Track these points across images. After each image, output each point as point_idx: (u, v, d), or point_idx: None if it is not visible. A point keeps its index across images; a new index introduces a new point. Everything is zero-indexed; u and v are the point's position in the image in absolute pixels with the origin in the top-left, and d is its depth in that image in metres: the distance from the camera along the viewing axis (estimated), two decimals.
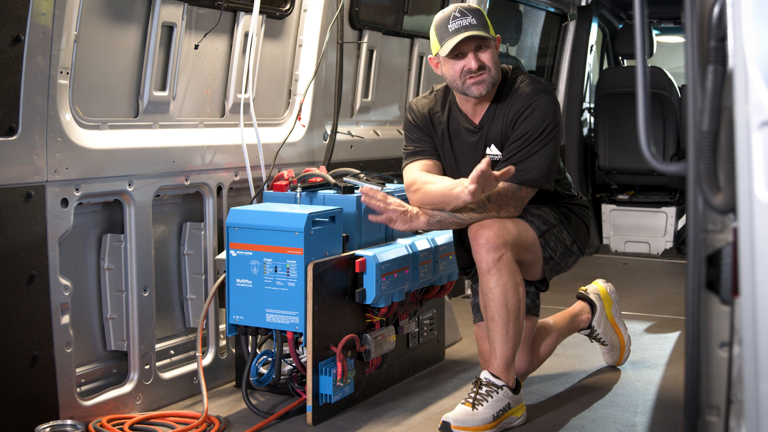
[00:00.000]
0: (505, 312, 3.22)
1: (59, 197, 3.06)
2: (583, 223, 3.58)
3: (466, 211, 3.24)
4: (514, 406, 3.30)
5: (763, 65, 1.56)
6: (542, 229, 3.39)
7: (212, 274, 3.73)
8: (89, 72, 3.29)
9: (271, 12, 4.07)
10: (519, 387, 3.35)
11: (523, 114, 3.32)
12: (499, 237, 3.21)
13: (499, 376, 3.26)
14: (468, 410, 3.22)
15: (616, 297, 4.00)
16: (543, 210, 3.45)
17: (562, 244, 3.45)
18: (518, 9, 6.67)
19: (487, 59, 3.29)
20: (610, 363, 4.01)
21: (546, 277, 3.48)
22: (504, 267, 3.20)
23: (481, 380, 3.27)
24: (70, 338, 3.11)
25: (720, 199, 1.65)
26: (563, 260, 3.48)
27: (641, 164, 6.70)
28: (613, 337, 3.95)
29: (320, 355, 3.29)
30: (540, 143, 3.29)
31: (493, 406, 3.22)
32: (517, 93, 3.37)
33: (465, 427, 3.20)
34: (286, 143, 4.10)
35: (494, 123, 3.39)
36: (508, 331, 3.24)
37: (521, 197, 3.31)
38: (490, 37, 3.30)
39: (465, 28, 3.26)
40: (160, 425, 3.29)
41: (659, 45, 8.22)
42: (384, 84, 5.08)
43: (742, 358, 1.63)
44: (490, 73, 3.30)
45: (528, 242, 3.34)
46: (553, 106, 3.34)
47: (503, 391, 3.25)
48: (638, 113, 1.85)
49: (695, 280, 1.73)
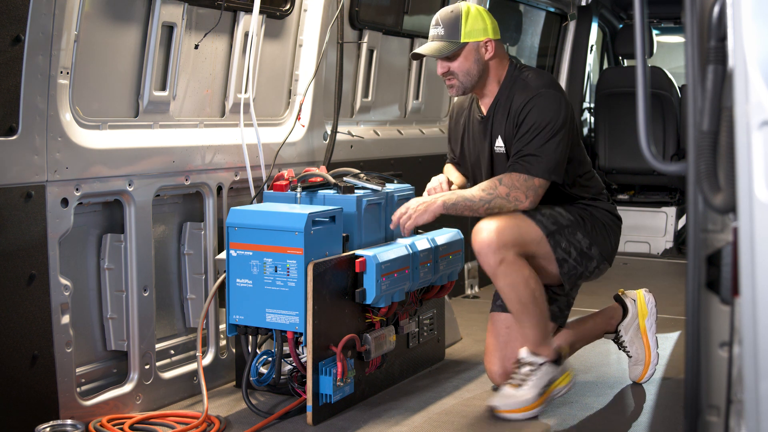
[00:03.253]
0: (521, 305, 3.35)
1: (59, 197, 3.06)
2: (604, 227, 3.55)
3: (477, 194, 3.39)
4: (558, 377, 3.43)
5: (763, 65, 1.56)
6: (551, 228, 3.41)
7: (212, 274, 3.73)
8: (89, 72, 3.29)
9: (271, 12, 4.07)
10: (561, 357, 3.46)
11: (525, 107, 3.39)
12: (498, 240, 3.28)
13: (537, 352, 3.39)
14: (512, 392, 3.36)
15: (653, 310, 3.85)
16: (556, 210, 3.47)
17: (577, 247, 3.46)
18: (518, 9, 6.67)
19: (454, 67, 3.49)
20: (632, 378, 3.81)
21: (564, 282, 3.49)
22: (507, 267, 3.30)
23: (521, 360, 3.40)
24: (70, 338, 3.12)
25: (720, 199, 1.65)
26: (581, 264, 3.48)
27: (641, 164, 6.70)
28: (640, 350, 3.79)
29: (320, 355, 3.29)
30: (546, 135, 3.35)
31: (537, 384, 3.36)
32: (520, 87, 3.46)
33: (510, 410, 3.35)
34: (286, 143, 4.10)
35: (498, 114, 3.50)
36: (530, 318, 3.37)
37: (534, 186, 3.36)
38: (444, 55, 3.46)
39: (432, 38, 3.51)
40: (160, 425, 3.29)
41: (659, 45, 8.22)
42: (384, 84, 5.08)
43: (742, 358, 1.63)
44: (459, 78, 3.50)
45: (532, 240, 3.37)
46: (557, 99, 3.39)
47: (545, 367, 3.38)
48: (638, 113, 1.85)
49: (695, 280, 1.73)
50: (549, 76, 3.56)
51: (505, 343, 3.62)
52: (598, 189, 3.63)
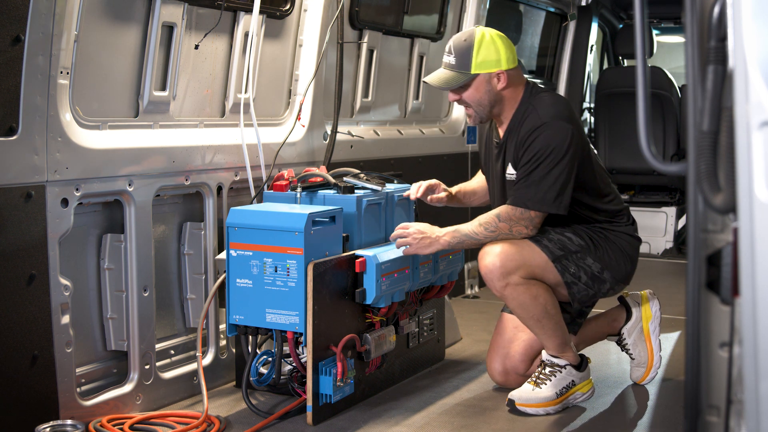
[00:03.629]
0: (534, 321, 3.42)
1: (59, 197, 3.06)
2: (620, 251, 3.55)
3: (480, 232, 3.41)
4: (579, 383, 3.49)
5: (763, 65, 1.56)
6: (557, 253, 3.42)
7: (212, 274, 3.73)
8: (89, 72, 3.29)
9: (271, 12, 4.07)
10: (584, 363, 3.53)
11: (529, 138, 3.39)
12: (502, 265, 3.33)
13: (558, 356, 3.45)
14: (531, 388, 3.42)
15: (658, 313, 3.83)
16: (566, 235, 3.47)
17: (587, 272, 3.46)
18: (518, 9, 6.67)
19: (467, 96, 3.48)
20: (633, 379, 3.81)
21: (573, 303, 3.50)
22: (513, 290, 3.36)
23: (544, 362, 3.48)
24: (70, 338, 3.11)
25: (720, 199, 1.65)
26: (592, 287, 3.48)
27: (641, 164, 6.69)
28: (643, 353, 3.77)
29: (320, 355, 3.29)
30: (544, 168, 3.34)
31: (557, 384, 3.43)
32: (530, 115, 3.44)
33: (528, 404, 3.41)
34: (286, 143, 4.10)
35: (510, 141, 3.50)
36: (545, 330, 3.43)
37: (530, 217, 3.38)
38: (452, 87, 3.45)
39: (444, 66, 3.50)
40: (160, 425, 3.29)
41: (659, 45, 8.22)
42: (384, 84, 5.08)
43: (742, 358, 1.63)
44: (473, 108, 3.49)
45: (537, 265, 3.39)
46: (563, 130, 3.35)
47: (566, 370, 3.45)
48: (638, 113, 1.85)
49: (695, 280, 1.73)
50: (562, 104, 3.49)
51: (509, 341, 3.65)
52: (617, 212, 3.60)
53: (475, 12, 5.58)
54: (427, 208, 4.00)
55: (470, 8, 5.57)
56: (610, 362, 4.11)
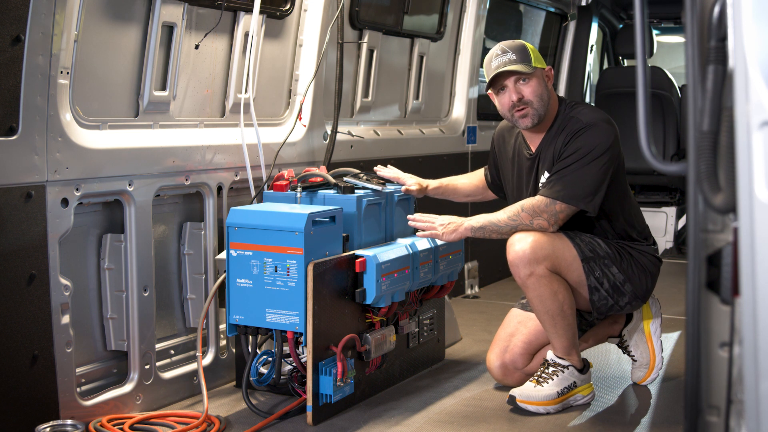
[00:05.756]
0: (548, 316, 3.43)
1: (59, 197, 3.06)
2: (643, 268, 3.55)
3: (503, 219, 3.42)
4: (580, 385, 3.51)
5: (763, 65, 1.56)
6: (587, 254, 3.44)
7: (212, 274, 3.73)
8: (89, 72, 3.29)
9: (271, 12, 4.07)
10: (586, 367, 3.55)
11: (575, 135, 3.41)
12: (532, 253, 3.34)
13: (563, 357, 3.47)
14: (533, 386, 3.44)
15: (658, 314, 3.82)
16: (596, 240, 3.50)
17: (611, 280, 3.48)
18: (518, 9, 6.67)
19: (528, 92, 3.45)
20: (634, 379, 3.81)
21: (593, 311, 3.52)
22: (537, 281, 3.36)
23: (548, 361, 3.50)
24: (70, 338, 3.12)
25: (720, 199, 1.65)
26: (612, 297, 3.50)
27: (641, 164, 6.64)
28: (644, 354, 3.78)
29: (320, 355, 3.29)
30: (583, 162, 3.37)
31: (558, 383, 3.45)
32: (573, 119, 3.46)
33: (529, 401, 3.42)
34: (287, 143, 4.10)
35: (547, 150, 3.50)
36: (557, 329, 3.44)
37: (554, 211, 3.38)
38: (526, 71, 3.41)
39: (504, 64, 3.44)
40: (160, 425, 3.29)
41: (659, 45, 8.22)
42: (384, 84, 5.08)
43: (742, 358, 1.62)
44: (533, 105, 3.46)
45: (564, 259, 3.40)
46: (606, 132, 3.40)
47: (569, 371, 3.47)
48: (638, 113, 1.85)
49: (695, 280, 1.73)
50: (602, 112, 3.53)
51: (510, 335, 3.67)
52: (643, 232, 3.64)
53: (475, 12, 5.58)
54: (427, 206, 4.00)
55: (470, 8, 5.57)
56: (610, 362, 4.11)
